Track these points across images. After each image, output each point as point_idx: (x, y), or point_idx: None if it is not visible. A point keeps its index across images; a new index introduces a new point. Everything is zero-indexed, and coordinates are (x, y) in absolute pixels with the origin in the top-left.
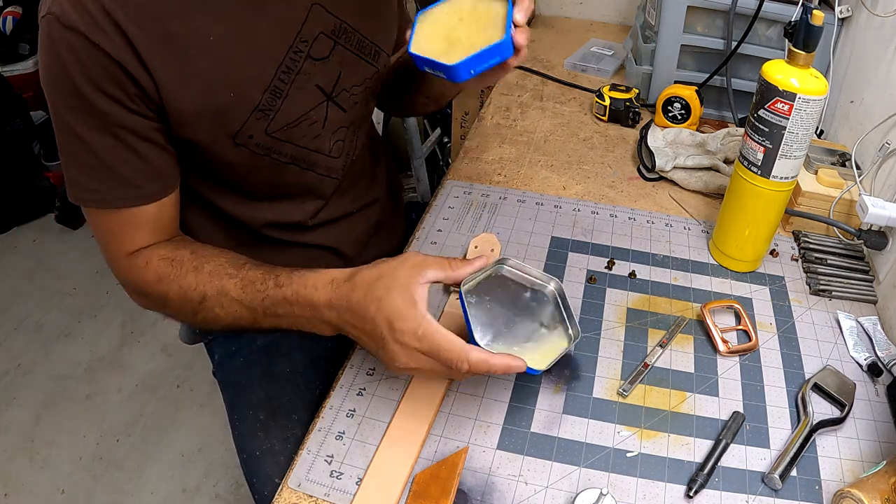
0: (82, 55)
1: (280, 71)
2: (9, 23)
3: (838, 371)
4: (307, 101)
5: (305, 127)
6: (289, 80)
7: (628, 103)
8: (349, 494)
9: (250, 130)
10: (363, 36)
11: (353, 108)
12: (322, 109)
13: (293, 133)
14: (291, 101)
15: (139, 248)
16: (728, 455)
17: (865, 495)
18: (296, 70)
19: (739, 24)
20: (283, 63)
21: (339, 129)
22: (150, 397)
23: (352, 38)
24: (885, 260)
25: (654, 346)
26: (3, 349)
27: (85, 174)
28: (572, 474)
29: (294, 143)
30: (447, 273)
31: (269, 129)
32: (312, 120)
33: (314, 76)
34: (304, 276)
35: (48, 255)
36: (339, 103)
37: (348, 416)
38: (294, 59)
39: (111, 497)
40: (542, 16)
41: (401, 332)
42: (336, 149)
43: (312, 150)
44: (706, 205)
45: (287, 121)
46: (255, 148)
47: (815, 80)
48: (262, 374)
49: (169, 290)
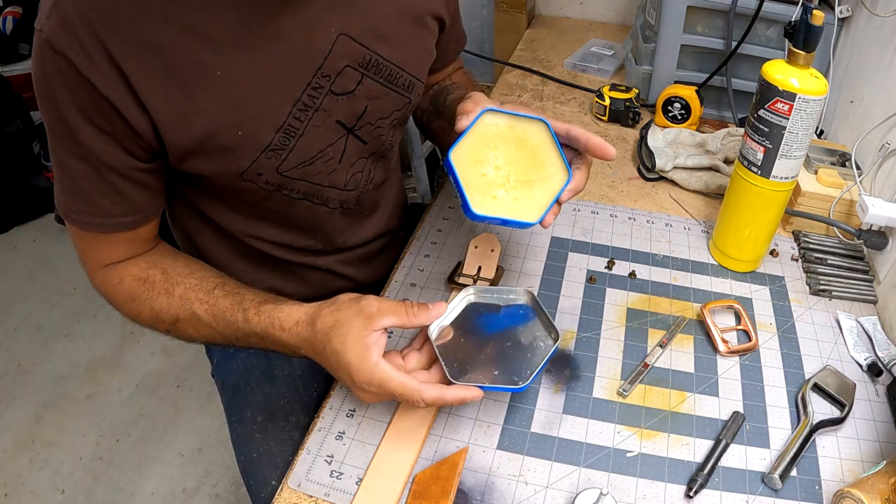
0: (71, 83)
1: (296, 109)
2: (9, 23)
3: (838, 371)
4: (324, 137)
5: (321, 164)
6: (305, 119)
7: (628, 103)
8: (349, 494)
9: (259, 169)
10: (396, 66)
11: (376, 140)
12: (341, 144)
13: (307, 171)
14: (307, 139)
15: (113, 262)
16: (728, 455)
17: (865, 495)
18: (314, 107)
19: (739, 24)
20: (299, 100)
21: (358, 160)
22: (150, 397)
23: (382, 70)
24: (885, 260)
25: (654, 346)
26: (3, 349)
27: (63, 191)
28: (572, 474)
29: (307, 180)
30: (403, 320)
31: (281, 169)
32: (329, 156)
33: (335, 112)
34: (271, 315)
35: (48, 255)
36: (359, 136)
37: (348, 416)
38: (313, 95)
39: (111, 497)
40: (542, 16)
41: (359, 381)
42: (353, 181)
43: (326, 185)
44: (706, 205)
45: (301, 160)
46: (265, 185)
47: (815, 80)
48: (260, 376)
49: (141, 310)
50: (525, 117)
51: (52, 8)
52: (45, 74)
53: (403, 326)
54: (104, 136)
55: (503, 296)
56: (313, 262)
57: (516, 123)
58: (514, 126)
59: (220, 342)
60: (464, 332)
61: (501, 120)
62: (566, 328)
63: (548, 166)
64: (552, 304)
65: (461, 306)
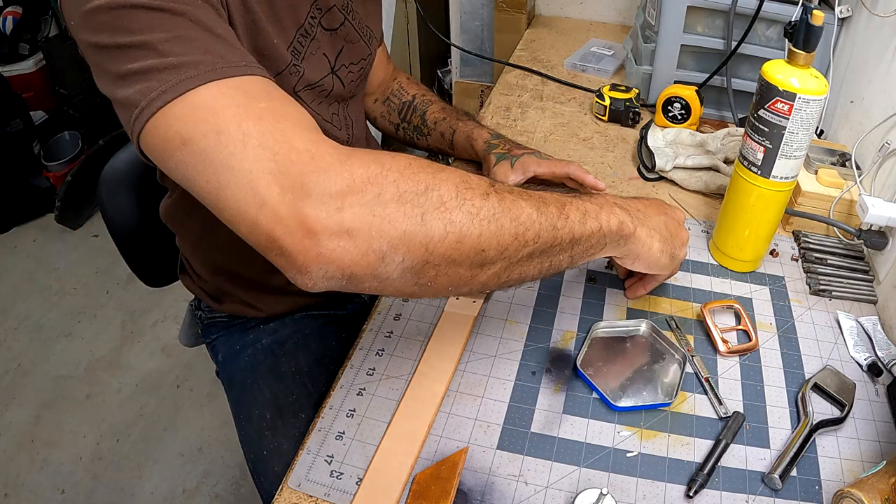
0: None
1: (299, 34)
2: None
3: (838, 371)
4: (319, 68)
5: (317, 93)
6: (305, 44)
7: (628, 103)
8: (349, 494)
9: (282, 84)
10: (362, 18)
11: (349, 85)
12: (329, 81)
13: (309, 95)
14: (308, 64)
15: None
16: (728, 455)
17: (865, 495)
18: (310, 36)
19: (739, 24)
20: (302, 27)
21: (333, 102)
22: (150, 397)
23: (355, 18)
24: (885, 260)
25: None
26: (3, 349)
27: (160, 77)
28: (572, 474)
29: (310, 107)
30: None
31: (297, 87)
32: (322, 88)
33: (323, 45)
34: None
35: (48, 255)
36: (340, 77)
37: (348, 416)
38: (311, 24)
39: (111, 497)
40: (542, 16)
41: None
42: (336, 121)
43: (324, 118)
44: (706, 205)
45: (307, 82)
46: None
47: (815, 80)
48: (267, 373)
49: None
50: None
51: None
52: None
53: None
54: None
55: (626, 327)
56: None
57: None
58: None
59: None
60: (605, 362)
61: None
62: (566, 328)
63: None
64: (552, 304)
65: (591, 340)
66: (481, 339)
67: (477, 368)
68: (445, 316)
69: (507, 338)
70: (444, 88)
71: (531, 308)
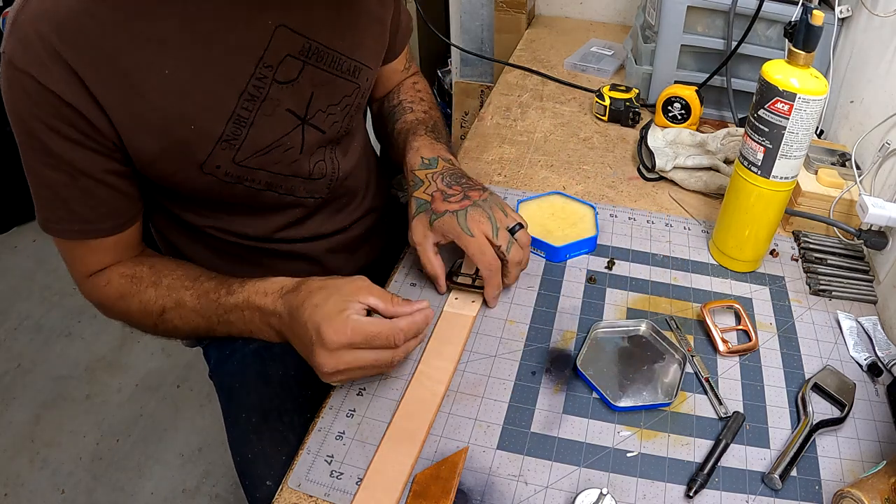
0: (34, 97)
1: (243, 99)
2: None
3: (838, 371)
4: (278, 126)
5: (279, 153)
6: (254, 108)
7: (628, 103)
8: (349, 494)
9: (217, 161)
10: (339, 53)
11: (333, 127)
12: (297, 134)
13: (264, 160)
14: (259, 128)
15: (100, 269)
16: (728, 455)
17: (865, 495)
18: (261, 97)
19: (739, 24)
20: (245, 91)
21: (318, 149)
22: (150, 397)
23: (324, 57)
24: (885, 260)
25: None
26: (3, 349)
27: (43, 205)
28: (572, 474)
29: (267, 169)
30: (386, 306)
31: (237, 159)
32: (287, 146)
33: (283, 101)
34: (255, 284)
35: (48, 255)
36: (315, 125)
37: (348, 416)
38: (258, 85)
39: (111, 497)
40: (542, 16)
41: (329, 334)
42: (318, 170)
43: (289, 174)
44: (706, 205)
45: (256, 148)
46: (225, 177)
47: (815, 80)
48: (255, 377)
49: (130, 306)
50: None
51: (11, 29)
52: (11, 93)
53: (384, 312)
54: (72, 142)
55: (625, 327)
56: (300, 250)
57: None
58: None
59: (200, 333)
60: (605, 362)
61: None
62: (566, 328)
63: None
64: (552, 304)
65: (591, 340)
66: (481, 339)
67: (477, 368)
68: (445, 316)
69: (507, 338)
70: (444, 88)
71: (531, 308)
